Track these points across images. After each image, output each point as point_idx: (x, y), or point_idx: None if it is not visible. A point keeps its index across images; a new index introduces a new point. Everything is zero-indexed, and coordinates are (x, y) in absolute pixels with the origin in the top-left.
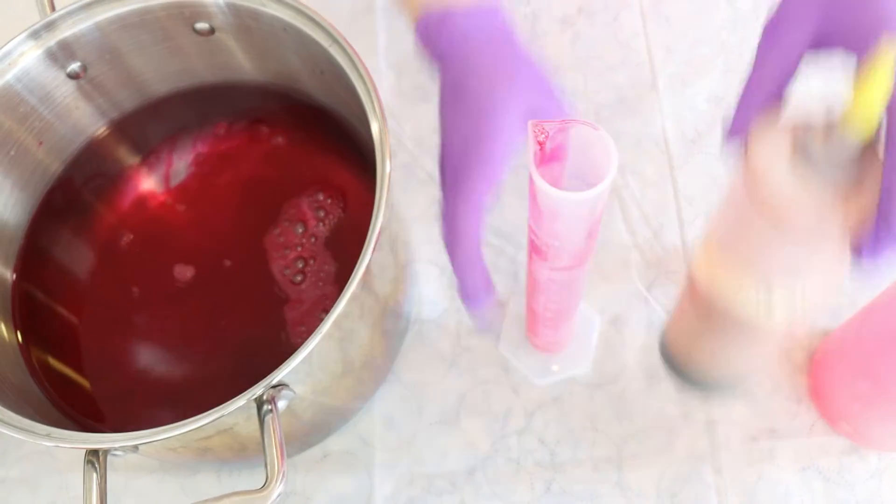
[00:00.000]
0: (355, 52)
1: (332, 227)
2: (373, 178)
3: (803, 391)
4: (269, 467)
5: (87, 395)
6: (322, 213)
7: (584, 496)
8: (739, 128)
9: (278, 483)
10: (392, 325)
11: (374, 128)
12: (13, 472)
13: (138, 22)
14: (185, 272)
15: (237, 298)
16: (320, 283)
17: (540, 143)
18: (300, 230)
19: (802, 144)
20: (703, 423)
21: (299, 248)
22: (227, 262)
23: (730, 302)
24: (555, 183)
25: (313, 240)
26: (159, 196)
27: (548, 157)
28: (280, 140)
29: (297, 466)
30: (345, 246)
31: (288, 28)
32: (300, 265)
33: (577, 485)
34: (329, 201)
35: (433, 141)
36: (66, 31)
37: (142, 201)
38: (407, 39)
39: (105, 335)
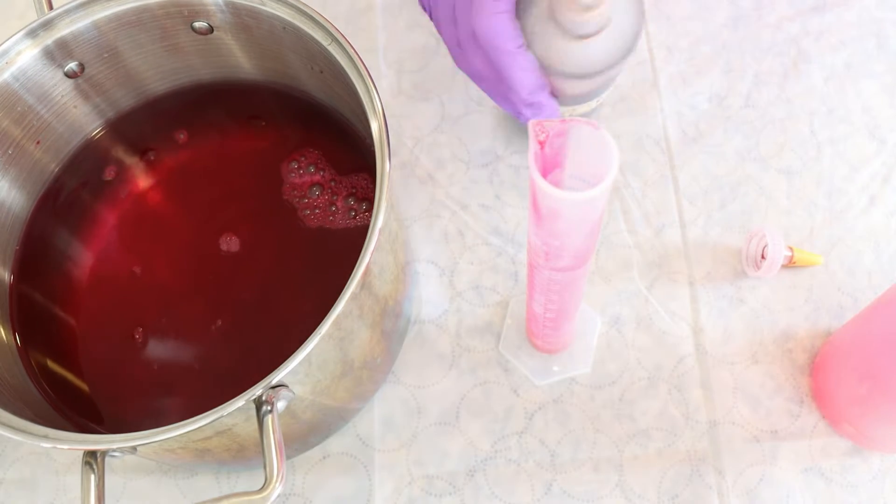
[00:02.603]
0: (355, 51)
1: (331, 163)
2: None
3: (805, 392)
4: (267, 468)
5: (86, 396)
6: (313, 169)
7: (585, 497)
8: None
9: (277, 484)
10: (392, 325)
11: (374, 127)
12: (11, 474)
13: (136, 20)
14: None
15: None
16: None
17: (540, 143)
18: (317, 192)
19: None
20: (705, 424)
21: (337, 197)
22: (270, 254)
23: None
24: (555, 183)
25: (334, 183)
26: (158, 196)
27: (549, 164)
28: (278, 138)
29: (297, 467)
30: (352, 160)
31: (287, 26)
32: (352, 202)
33: (577, 486)
34: (303, 159)
35: (433, 140)
36: (63, 30)
37: (141, 201)
38: (407, 38)
39: (103, 336)
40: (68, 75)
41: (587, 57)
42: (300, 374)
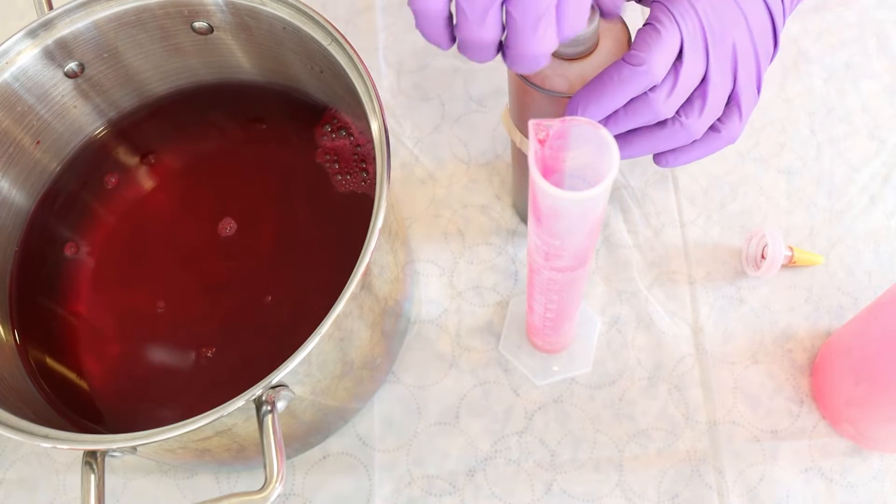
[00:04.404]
0: (355, 51)
1: (351, 127)
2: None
3: (805, 392)
4: (267, 468)
5: (85, 395)
6: (344, 133)
7: (585, 497)
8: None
9: (277, 484)
10: (392, 325)
11: (374, 127)
12: (11, 474)
13: (136, 20)
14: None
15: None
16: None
17: (540, 142)
18: (360, 151)
19: None
20: (705, 424)
21: (366, 163)
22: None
23: (518, 143)
24: (555, 183)
25: (359, 148)
26: (158, 195)
27: (549, 164)
28: (278, 138)
29: (297, 467)
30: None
31: (287, 26)
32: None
33: (577, 486)
34: (328, 128)
35: (433, 140)
36: (63, 30)
37: (141, 201)
38: (407, 38)
39: (103, 336)
40: (68, 75)
41: (580, 77)
42: (300, 374)
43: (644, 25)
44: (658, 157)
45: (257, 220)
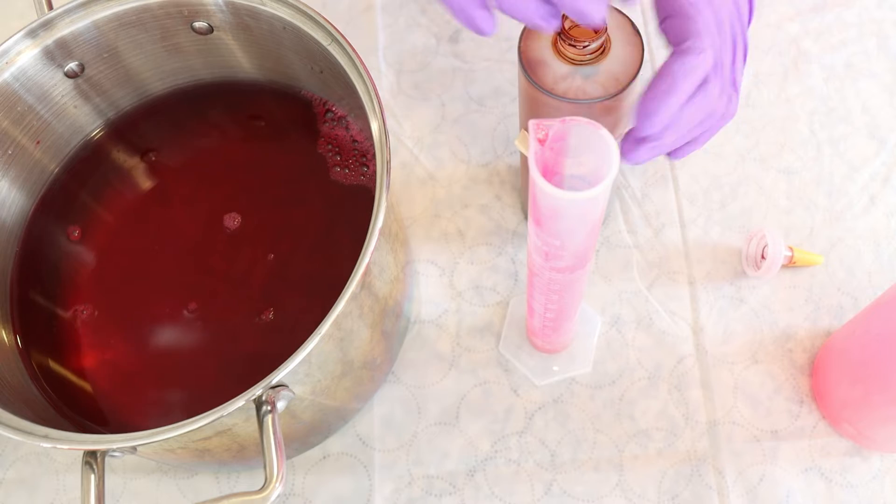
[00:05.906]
0: (355, 51)
1: (347, 112)
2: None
3: (805, 392)
4: (267, 468)
5: (86, 396)
6: (344, 123)
7: (585, 497)
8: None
9: (277, 484)
10: (392, 325)
11: (374, 127)
12: (11, 474)
13: (136, 20)
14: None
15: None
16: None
17: (540, 141)
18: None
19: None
20: (705, 424)
21: (366, 157)
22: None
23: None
24: (555, 183)
25: (357, 143)
26: (158, 195)
27: (549, 165)
28: (279, 133)
29: (297, 467)
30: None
31: (287, 26)
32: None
33: (577, 486)
34: (330, 115)
35: (433, 140)
36: (63, 30)
37: (141, 200)
38: (407, 38)
39: (103, 336)
40: (68, 75)
41: (590, 84)
42: (300, 374)
43: (669, 18)
44: (675, 151)
45: (262, 215)
